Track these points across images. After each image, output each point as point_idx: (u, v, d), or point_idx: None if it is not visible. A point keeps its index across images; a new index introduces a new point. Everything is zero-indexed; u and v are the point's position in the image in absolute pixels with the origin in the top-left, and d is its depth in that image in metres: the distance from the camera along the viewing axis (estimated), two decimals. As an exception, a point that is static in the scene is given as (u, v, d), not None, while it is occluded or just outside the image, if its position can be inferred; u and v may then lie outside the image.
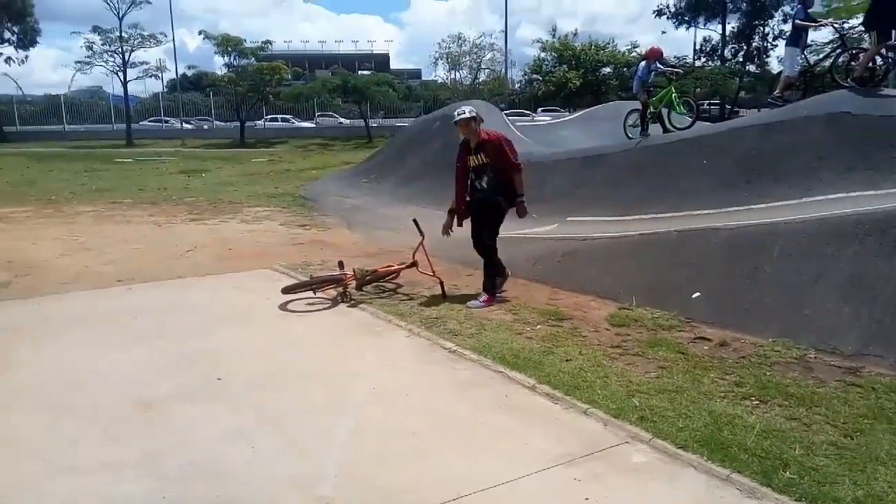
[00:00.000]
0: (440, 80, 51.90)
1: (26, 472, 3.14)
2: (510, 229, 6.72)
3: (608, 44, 47.58)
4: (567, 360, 4.48)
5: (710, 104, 40.46)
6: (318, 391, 4.09)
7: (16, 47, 45.26)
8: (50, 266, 7.60)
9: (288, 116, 49.46)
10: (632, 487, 3.01)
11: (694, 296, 5.59)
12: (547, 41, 48.55)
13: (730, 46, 50.30)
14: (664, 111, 10.99)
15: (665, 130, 10.99)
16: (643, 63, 11.23)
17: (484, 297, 5.98)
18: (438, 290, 6.18)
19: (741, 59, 49.58)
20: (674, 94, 10.83)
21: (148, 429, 3.59)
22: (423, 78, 75.67)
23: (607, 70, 45.67)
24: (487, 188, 6.03)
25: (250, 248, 8.88)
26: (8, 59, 45.14)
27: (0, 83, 47.01)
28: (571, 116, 22.02)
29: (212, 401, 3.95)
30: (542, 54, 48.20)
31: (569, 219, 9.14)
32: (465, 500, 2.88)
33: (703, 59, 50.35)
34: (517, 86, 53.31)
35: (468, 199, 6.15)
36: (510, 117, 19.23)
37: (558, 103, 46.71)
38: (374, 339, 5.08)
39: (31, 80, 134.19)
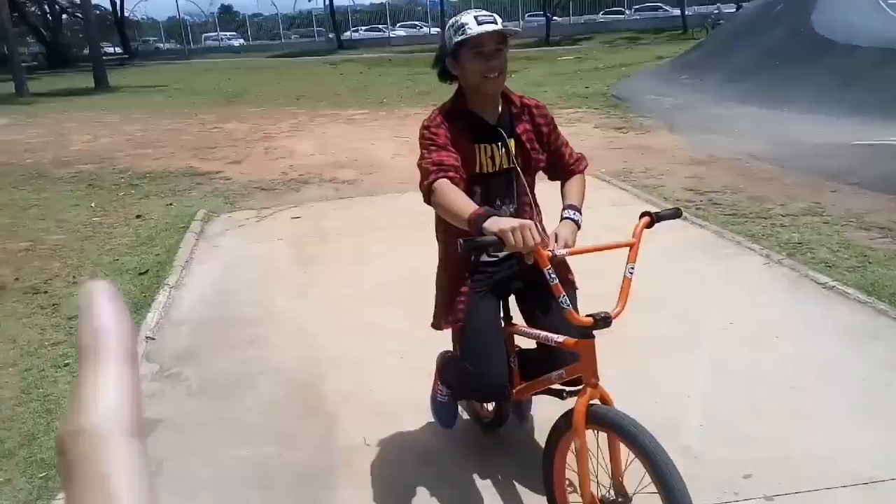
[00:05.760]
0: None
1: (387, 354, 3.47)
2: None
3: None
4: None
5: None
6: (666, 321, 3.62)
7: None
8: (387, 165, 8.24)
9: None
10: None
11: None
12: None
13: None
14: None
15: None
16: None
17: None
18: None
19: None
20: None
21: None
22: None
23: None
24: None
25: (568, 151, 8.60)
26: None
27: (338, -6, 52.96)
28: None
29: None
30: None
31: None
32: (878, 486, 2.28)
33: None
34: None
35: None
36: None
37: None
38: (721, 263, 4.42)
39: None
